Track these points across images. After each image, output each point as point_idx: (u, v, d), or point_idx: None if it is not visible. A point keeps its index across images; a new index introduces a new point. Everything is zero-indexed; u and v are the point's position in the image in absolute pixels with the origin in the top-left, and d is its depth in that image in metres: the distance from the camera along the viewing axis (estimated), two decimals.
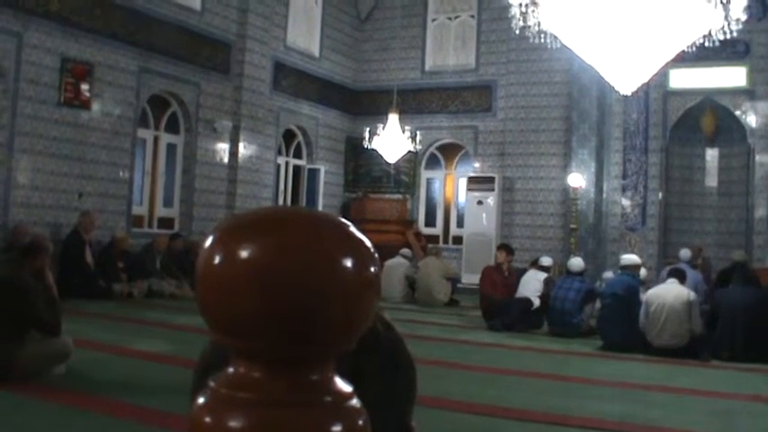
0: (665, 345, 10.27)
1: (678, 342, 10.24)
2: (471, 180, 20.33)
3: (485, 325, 12.75)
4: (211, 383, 0.60)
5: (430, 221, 21.93)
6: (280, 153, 20.11)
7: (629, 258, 12.10)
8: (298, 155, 21.09)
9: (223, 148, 17.75)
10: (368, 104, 21.98)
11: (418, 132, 19.12)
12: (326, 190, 21.00)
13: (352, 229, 0.60)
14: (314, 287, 0.55)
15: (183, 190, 17.14)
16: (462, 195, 21.00)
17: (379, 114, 20.02)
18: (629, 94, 10.91)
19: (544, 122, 19.86)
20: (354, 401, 0.59)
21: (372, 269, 0.58)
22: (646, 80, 10.38)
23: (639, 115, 18.71)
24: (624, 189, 18.90)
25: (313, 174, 20.80)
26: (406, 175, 21.76)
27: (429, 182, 22.24)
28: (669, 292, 10.46)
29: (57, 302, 6.96)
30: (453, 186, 21.85)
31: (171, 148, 17.12)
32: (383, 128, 18.64)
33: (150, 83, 16.02)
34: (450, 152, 21.92)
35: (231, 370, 0.60)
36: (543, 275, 12.92)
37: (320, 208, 20.28)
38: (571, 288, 12.11)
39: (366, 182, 22.13)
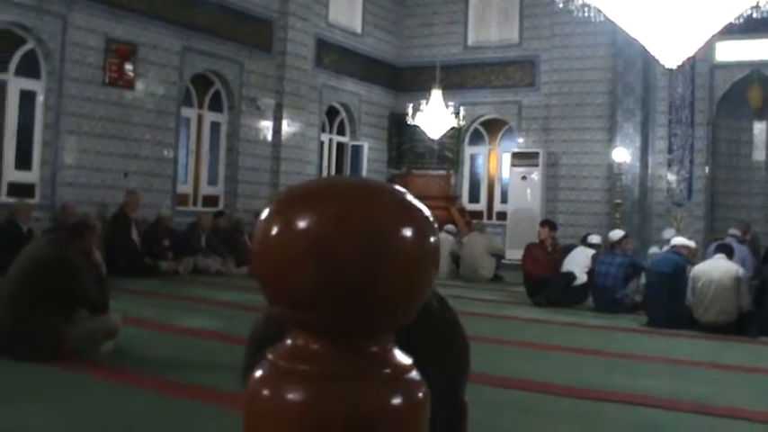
0: (713, 321, 10.17)
1: (726, 318, 10.14)
2: (515, 155, 20.25)
3: (529, 301, 12.71)
4: (269, 356, 0.60)
5: (474, 197, 21.87)
6: (323, 130, 20.13)
7: (679, 240, 11.94)
8: (341, 132, 21.11)
9: (266, 125, 17.80)
10: (411, 80, 21.92)
11: (461, 108, 19.06)
12: (370, 166, 20.99)
13: (412, 198, 0.59)
14: (374, 258, 0.55)
15: (227, 168, 17.23)
16: (506, 171, 20.92)
17: (422, 90, 19.96)
18: (675, 67, 10.77)
19: (588, 97, 19.68)
20: (414, 374, 0.59)
21: (432, 239, 0.57)
22: (692, 53, 10.25)
23: (685, 89, 18.47)
24: (670, 164, 18.70)
25: (356, 150, 20.80)
26: (449, 151, 21.71)
27: (473, 157, 22.17)
28: (717, 268, 10.35)
29: (105, 280, 7.02)
30: (497, 162, 21.76)
31: (215, 126, 17.20)
32: (426, 104, 18.61)
33: (193, 62, 16.08)
34: (493, 128, 21.82)
35: (289, 342, 0.59)
36: (591, 252, 12.83)
37: None
38: (612, 264, 12.02)
39: (410, 158, 22.11)
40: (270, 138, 17.90)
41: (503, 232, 19.66)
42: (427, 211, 0.58)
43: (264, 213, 0.58)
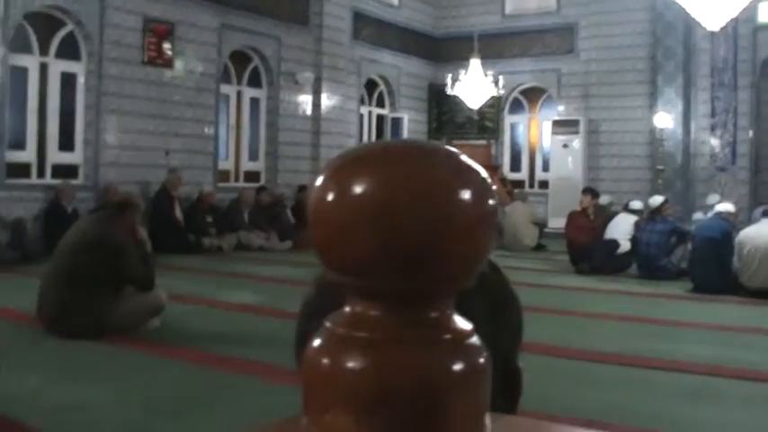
0: (760, 287, 10.06)
1: None
2: (556, 123, 20.11)
3: (572, 269, 12.67)
4: (327, 324, 0.59)
5: (515, 166, 21.78)
6: (362, 103, 20.12)
7: (725, 206, 11.78)
8: (380, 104, 21.08)
9: (305, 100, 17.81)
10: (449, 51, 21.79)
11: (501, 77, 18.93)
12: (410, 137, 20.91)
13: (468, 159, 0.58)
14: (433, 221, 0.54)
15: (268, 143, 17.28)
16: (547, 139, 20.79)
17: (460, 60, 19.83)
18: (717, 29, 10.61)
19: (628, 62, 19.47)
20: (475, 339, 0.58)
21: (490, 201, 0.56)
22: (734, 15, 10.09)
23: (728, 51, 18.16)
24: (713, 128, 18.45)
25: (396, 122, 20.76)
26: (489, 121, 21.61)
27: (513, 126, 22.06)
28: (763, 234, 10.22)
29: (150, 257, 7.10)
30: (538, 130, 21.64)
31: (254, 102, 17.24)
32: (465, 74, 18.53)
33: (231, 39, 16.11)
34: (533, 96, 21.68)
35: (348, 309, 0.58)
36: (634, 218, 12.73)
37: None
38: (654, 231, 11.92)
39: (450, 128, 22.05)
40: (309, 112, 17.92)
41: (545, 201, 19.55)
42: (485, 173, 0.57)
43: (319, 179, 0.57)
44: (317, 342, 0.58)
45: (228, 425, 4.39)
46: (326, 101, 18.09)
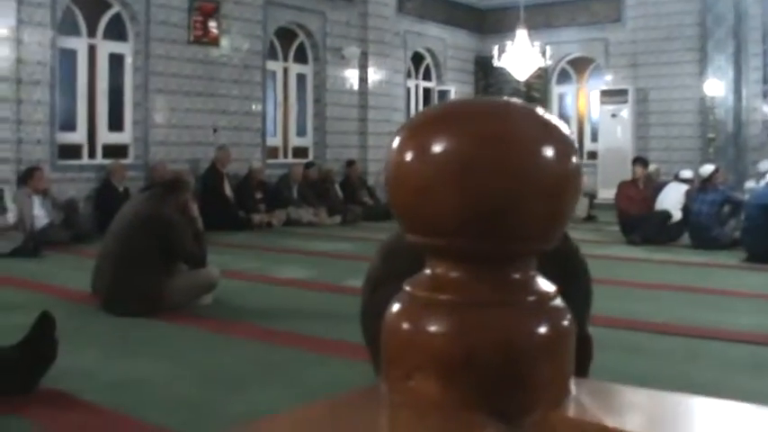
0: None
1: None
2: (604, 93, 19.88)
3: (624, 240, 12.55)
4: (407, 288, 0.58)
5: None
6: (409, 76, 20.01)
7: None
8: (427, 77, 20.97)
9: (352, 74, 17.77)
10: (495, 22, 21.62)
11: (547, 47, 18.74)
12: None
13: (552, 117, 0.56)
14: (517, 178, 0.52)
15: (316, 119, 17.28)
16: (595, 109, 20.58)
17: (506, 32, 19.67)
18: None
19: (677, 29, 19.15)
20: (558, 301, 0.56)
21: (574, 159, 0.55)
22: None
23: None
24: (765, 95, 18.14)
25: (443, 95, 20.64)
26: (537, 92, 21.43)
27: (561, 97, 21.87)
28: None
29: (202, 235, 7.15)
30: (586, 100, 21.42)
31: (301, 78, 17.24)
32: (512, 45, 18.37)
33: (276, 15, 16.10)
34: (580, 66, 21.45)
35: (428, 272, 0.57)
36: (684, 188, 12.58)
37: None
38: (705, 201, 11.76)
39: None
40: (356, 87, 17.89)
41: (594, 171, 19.36)
42: (568, 130, 0.55)
43: (397, 140, 0.56)
44: (396, 306, 0.57)
45: (286, 399, 4.42)
46: (373, 75, 18.05)
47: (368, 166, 17.72)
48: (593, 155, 20.30)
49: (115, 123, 13.75)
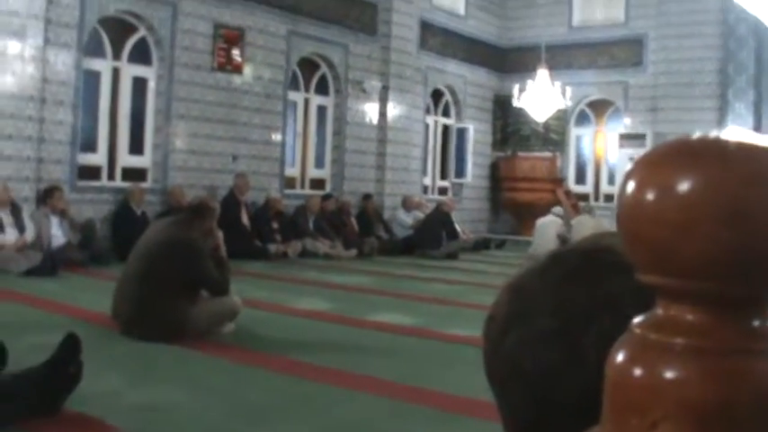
0: None
1: None
2: (622, 137, 19.90)
3: None
4: (636, 330, 0.55)
5: (580, 179, 21.59)
6: (428, 112, 20.06)
7: None
8: (446, 114, 21.01)
9: (372, 108, 17.82)
10: (515, 62, 21.69)
11: (568, 89, 18.78)
12: (475, 149, 20.85)
13: None
14: None
15: (334, 151, 17.31)
16: (613, 152, 20.57)
17: (526, 72, 19.74)
18: None
19: (698, 76, 19.17)
20: None
21: None
22: None
23: None
24: None
25: (461, 132, 20.69)
26: (555, 133, 21.45)
27: (578, 139, 21.87)
28: None
29: (225, 262, 7.12)
30: (604, 143, 21.41)
31: (321, 109, 17.29)
32: (532, 85, 18.42)
33: (299, 46, 16.17)
34: (599, 108, 21.47)
35: (660, 313, 0.54)
36: None
37: (469, 167, 20.25)
38: None
39: (515, 140, 21.92)
40: (376, 121, 17.93)
41: (610, 214, 19.32)
42: None
43: (635, 173, 0.53)
44: (624, 350, 0.54)
45: None
46: (393, 110, 18.09)
47: (384, 200, 17.73)
48: (609, 198, 20.29)
49: (135, 147, 13.79)
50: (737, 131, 0.56)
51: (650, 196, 0.52)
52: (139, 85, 13.84)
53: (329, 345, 6.95)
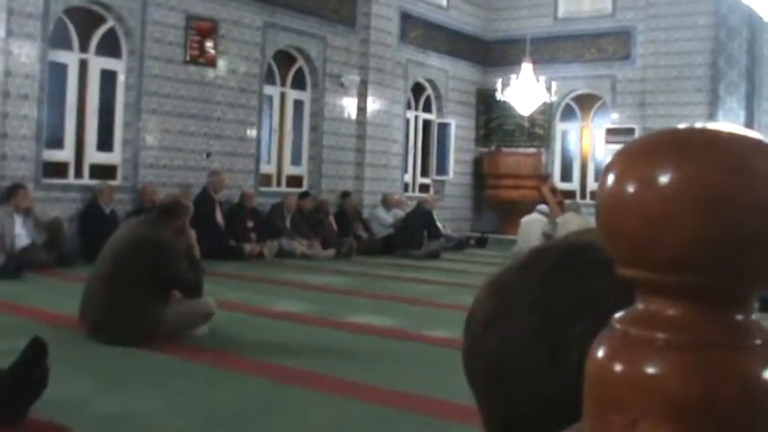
0: None
1: None
2: (609, 132, 19.97)
3: None
4: (616, 325, 0.56)
5: (565, 176, 21.65)
6: (409, 107, 20.05)
7: None
8: (427, 109, 21.01)
9: (351, 103, 17.81)
10: (499, 55, 21.73)
11: (553, 83, 18.83)
12: (457, 144, 20.88)
13: None
14: (764, 215, 0.50)
15: (312, 147, 17.29)
16: (600, 148, 20.63)
17: (510, 65, 19.80)
18: None
19: (688, 69, 19.24)
20: None
21: None
22: None
23: None
24: None
25: (443, 128, 20.71)
26: (540, 128, 21.50)
27: (564, 134, 21.93)
28: None
29: (198, 263, 7.11)
30: (590, 139, 21.48)
31: (298, 104, 17.27)
32: (516, 79, 18.45)
33: (275, 38, 16.14)
34: (586, 103, 21.53)
35: (641, 307, 0.55)
36: None
37: (451, 163, 20.27)
38: None
39: (498, 136, 21.96)
40: (354, 116, 17.92)
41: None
42: None
43: (613, 165, 0.54)
44: (604, 345, 0.54)
45: None
46: (372, 104, 18.09)
47: (363, 198, 17.74)
48: (595, 195, 20.32)
49: (104, 143, 13.70)
50: (725, 125, 0.57)
51: (630, 188, 0.53)
52: (108, 78, 13.75)
53: (306, 348, 6.95)
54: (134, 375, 5.78)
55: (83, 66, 13.47)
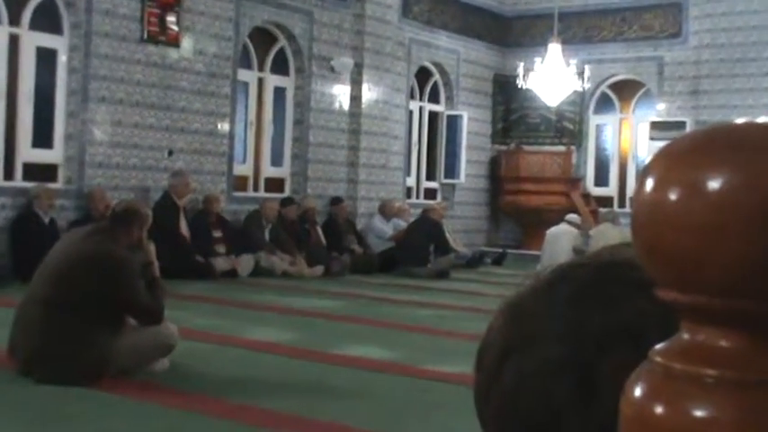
0: None
1: None
2: (654, 126, 20.00)
3: None
4: (657, 358, 0.55)
5: (600, 179, 21.69)
6: (412, 97, 20.11)
7: None
8: (434, 98, 21.05)
9: (343, 91, 17.83)
10: (521, 34, 21.79)
11: (586, 67, 18.86)
12: (470, 141, 20.91)
13: None
14: None
15: (295, 144, 17.31)
16: (643, 146, 20.66)
17: (535, 46, 19.86)
18: None
19: (752, 49, 19.19)
20: None
21: None
22: None
23: None
24: None
25: (453, 121, 20.75)
26: (570, 122, 21.55)
27: (599, 129, 21.99)
28: None
29: (158, 283, 7.10)
30: (631, 134, 21.52)
31: (279, 92, 17.29)
32: (541, 63, 18.47)
33: (252, 13, 16.16)
34: (626, 91, 21.58)
35: (686, 338, 0.55)
36: None
37: (463, 164, 20.28)
38: None
39: (520, 131, 22.01)
40: (347, 107, 17.94)
41: None
42: None
43: (653, 168, 0.54)
44: (643, 383, 0.54)
45: None
46: (368, 93, 18.11)
47: (358, 205, 17.76)
48: None
49: (42, 137, 13.68)
50: None
51: (673, 196, 0.53)
52: (46, 58, 13.71)
53: (286, 385, 6.96)
54: (77, 421, 5.77)
55: (13, 42, 13.41)
